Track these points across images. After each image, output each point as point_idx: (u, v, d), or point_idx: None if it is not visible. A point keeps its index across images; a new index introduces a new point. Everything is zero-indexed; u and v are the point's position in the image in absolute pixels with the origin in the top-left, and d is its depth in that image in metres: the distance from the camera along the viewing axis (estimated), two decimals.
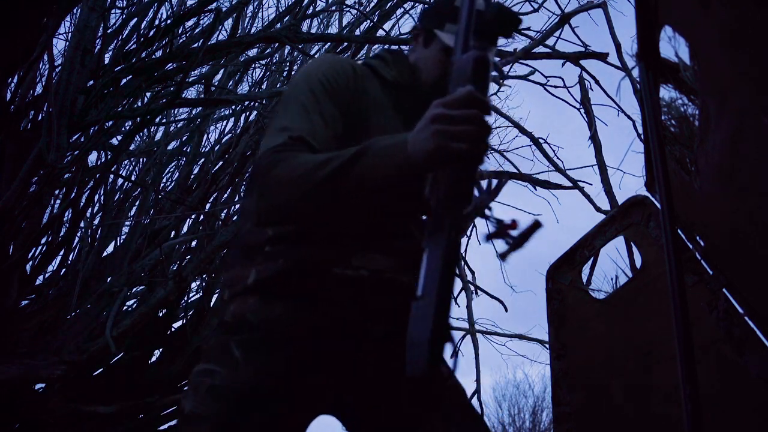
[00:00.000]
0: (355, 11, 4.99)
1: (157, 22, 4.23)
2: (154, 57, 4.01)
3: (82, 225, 4.04)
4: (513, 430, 17.98)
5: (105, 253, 4.25)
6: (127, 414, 3.41)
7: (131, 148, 4.67)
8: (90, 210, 4.25)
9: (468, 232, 5.25)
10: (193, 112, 5.12)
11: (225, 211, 4.53)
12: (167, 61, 3.87)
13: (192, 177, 4.75)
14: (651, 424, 1.51)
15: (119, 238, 4.43)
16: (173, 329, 4.18)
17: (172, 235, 4.44)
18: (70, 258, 4.01)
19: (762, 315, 1.33)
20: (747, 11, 0.95)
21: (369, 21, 4.95)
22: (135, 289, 4.25)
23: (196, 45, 4.05)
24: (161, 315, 4.04)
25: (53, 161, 2.96)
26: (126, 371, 3.71)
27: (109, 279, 3.79)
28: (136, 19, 4.19)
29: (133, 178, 4.78)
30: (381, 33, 4.90)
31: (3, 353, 2.91)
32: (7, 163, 3.26)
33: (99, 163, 4.27)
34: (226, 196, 4.70)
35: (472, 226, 5.24)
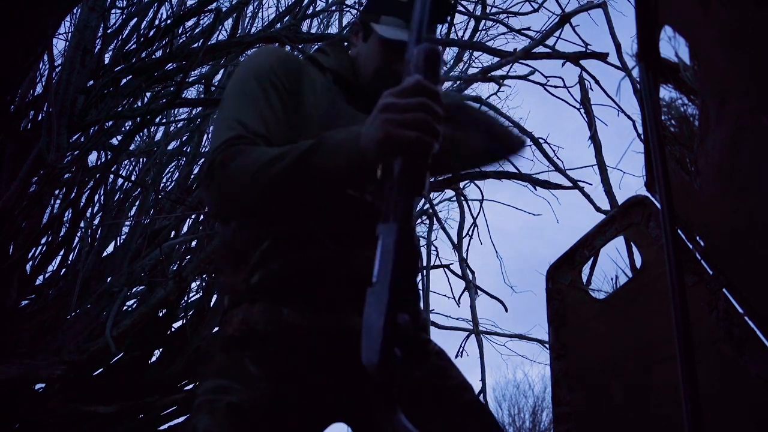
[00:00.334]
0: (355, 11, 4.99)
1: (157, 22, 4.23)
2: (154, 57, 4.01)
3: (82, 225, 4.04)
4: (513, 430, 17.99)
5: (105, 253, 4.25)
6: (127, 414, 3.41)
7: (131, 148, 4.67)
8: (90, 210, 4.25)
9: (469, 232, 5.25)
10: (193, 112, 5.12)
11: None
12: (167, 61, 3.87)
13: (192, 177, 4.75)
14: (651, 424, 1.51)
15: (119, 238, 4.43)
16: (173, 329, 4.17)
17: (172, 235, 4.44)
18: (70, 258, 4.01)
19: (762, 315, 1.33)
20: (747, 11, 0.95)
21: None
22: (135, 289, 4.25)
23: (196, 45, 4.05)
24: (161, 315, 4.04)
25: (53, 161, 2.96)
26: (126, 371, 3.71)
27: (109, 279, 3.79)
28: (136, 19, 4.19)
29: (133, 178, 4.78)
30: None
31: (3, 353, 2.91)
32: (7, 163, 3.26)
33: (99, 163, 4.27)
34: None
35: (473, 225, 5.24)
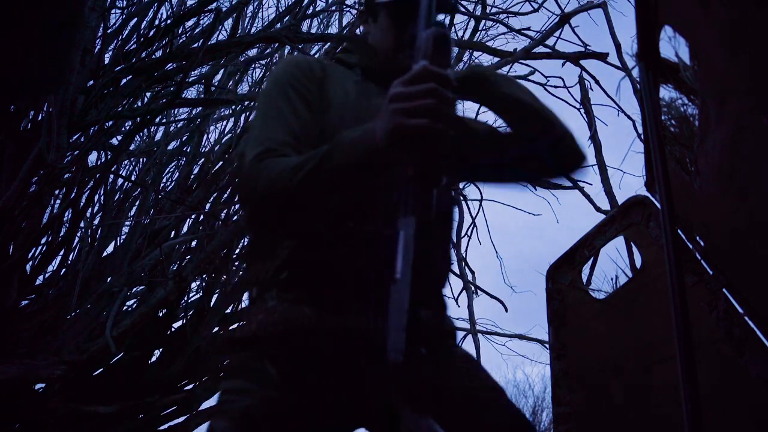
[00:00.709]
0: (355, 11, 4.99)
1: (157, 22, 4.23)
2: (154, 57, 4.01)
3: (82, 225, 4.03)
4: None
5: (105, 253, 4.24)
6: (127, 414, 3.40)
7: (131, 148, 4.66)
8: (90, 210, 4.25)
9: (468, 232, 5.25)
10: (193, 112, 5.11)
11: (225, 211, 4.52)
12: (167, 61, 3.87)
13: (192, 177, 4.74)
14: (651, 424, 1.51)
15: (119, 238, 4.42)
16: (173, 329, 4.17)
17: (172, 235, 4.44)
18: (70, 258, 4.00)
19: (762, 315, 1.33)
20: (747, 11, 0.95)
21: None
22: (135, 289, 4.25)
23: (196, 45, 4.05)
24: (161, 315, 4.04)
25: (53, 161, 2.96)
26: (126, 371, 3.70)
27: (109, 279, 3.79)
28: (136, 19, 4.19)
29: (133, 178, 4.78)
30: None
31: (3, 353, 2.91)
32: (7, 163, 3.26)
33: (99, 163, 4.27)
34: (226, 196, 4.70)
35: (472, 225, 5.24)
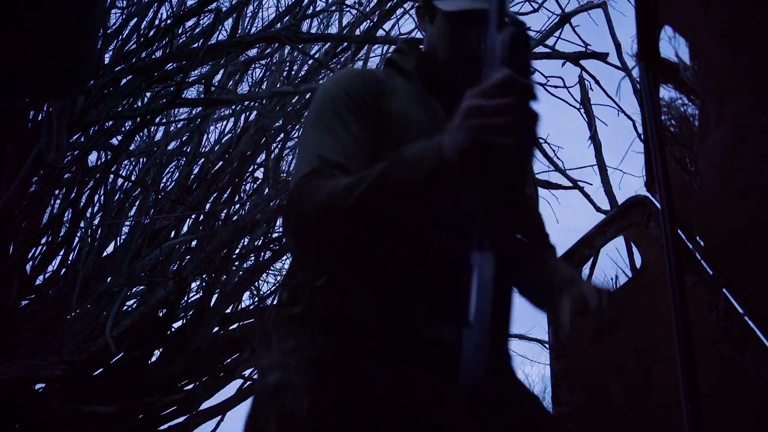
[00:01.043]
0: (355, 11, 4.99)
1: (157, 22, 4.23)
2: (154, 57, 4.01)
3: (82, 225, 4.04)
4: None
5: (105, 253, 4.25)
6: (127, 414, 3.41)
7: (131, 148, 4.66)
8: (90, 210, 4.25)
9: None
10: (193, 112, 5.11)
11: (225, 211, 4.53)
12: (167, 61, 3.87)
13: (192, 177, 4.75)
14: (651, 424, 1.51)
15: (119, 238, 4.42)
16: (173, 329, 4.17)
17: (172, 235, 4.44)
18: (70, 258, 4.00)
19: (762, 315, 1.33)
20: (747, 11, 0.95)
21: (369, 21, 4.94)
22: (135, 289, 4.25)
23: (196, 45, 4.04)
24: (161, 315, 4.04)
25: (53, 161, 2.96)
26: (126, 371, 3.71)
27: (109, 279, 3.79)
28: (136, 19, 4.19)
29: (133, 178, 4.78)
30: (381, 33, 4.89)
31: (3, 353, 2.91)
32: (7, 163, 3.26)
33: (99, 163, 4.27)
34: (226, 196, 4.70)
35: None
